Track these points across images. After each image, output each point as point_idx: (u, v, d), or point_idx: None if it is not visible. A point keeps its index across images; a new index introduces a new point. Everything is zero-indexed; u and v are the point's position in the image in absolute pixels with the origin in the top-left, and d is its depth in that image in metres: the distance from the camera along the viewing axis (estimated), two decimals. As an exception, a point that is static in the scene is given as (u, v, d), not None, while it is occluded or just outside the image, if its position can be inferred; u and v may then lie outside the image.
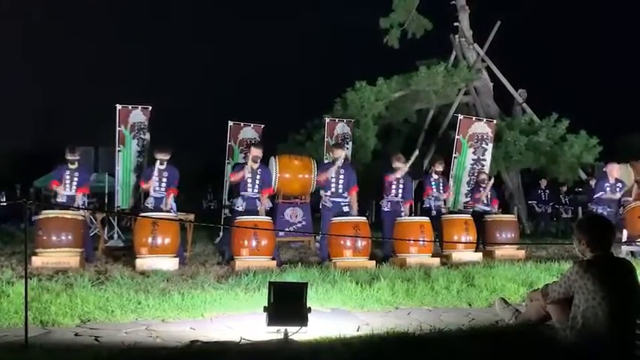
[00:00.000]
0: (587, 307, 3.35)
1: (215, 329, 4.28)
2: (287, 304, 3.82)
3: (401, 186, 8.69)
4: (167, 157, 8.06)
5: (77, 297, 4.80)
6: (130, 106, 10.25)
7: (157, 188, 8.02)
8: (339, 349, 3.51)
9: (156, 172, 8.02)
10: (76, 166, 8.16)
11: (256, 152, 8.01)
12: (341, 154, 8.26)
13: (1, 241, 10.56)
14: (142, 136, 10.23)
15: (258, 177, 7.97)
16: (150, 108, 10.34)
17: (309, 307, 3.88)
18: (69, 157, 8.10)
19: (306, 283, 4.08)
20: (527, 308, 4.24)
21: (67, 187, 8.08)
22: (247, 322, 4.41)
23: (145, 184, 8.11)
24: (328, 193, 8.12)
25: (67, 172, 8.10)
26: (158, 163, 8.05)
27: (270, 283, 3.97)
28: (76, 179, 8.11)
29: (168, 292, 5.18)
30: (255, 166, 7.98)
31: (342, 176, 8.15)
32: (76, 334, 4.09)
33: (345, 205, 8.13)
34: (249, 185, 7.93)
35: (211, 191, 18.97)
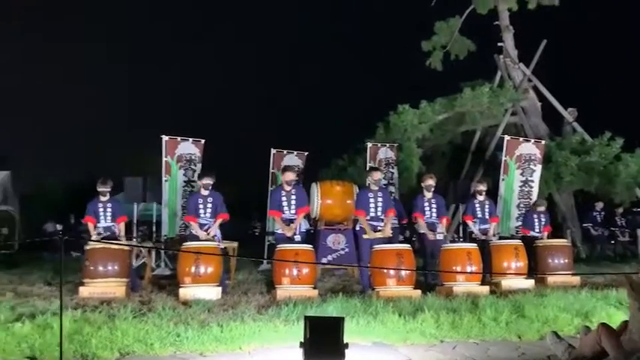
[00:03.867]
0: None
1: (253, 363, 4.21)
2: (323, 339, 3.73)
3: (434, 206, 8.58)
4: (211, 181, 8.12)
5: (117, 330, 4.85)
6: (178, 138, 10.46)
7: (203, 215, 8.07)
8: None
9: (200, 200, 8.09)
10: (107, 197, 8.21)
11: (290, 176, 8.05)
12: (379, 176, 8.32)
13: (52, 271, 10.87)
14: (193, 167, 10.42)
15: (293, 198, 7.98)
16: (203, 141, 10.55)
17: (347, 343, 3.77)
18: (100, 188, 8.15)
19: (343, 318, 3.96)
20: (581, 342, 3.99)
21: (102, 219, 8.19)
22: (285, 355, 4.35)
23: (193, 218, 8.03)
24: (368, 218, 8.03)
25: (100, 205, 8.18)
26: (202, 189, 8.13)
27: (305, 317, 3.89)
28: (109, 210, 8.18)
29: (207, 324, 5.16)
30: (289, 188, 8.01)
31: (380, 199, 8.08)
32: (114, 368, 4.11)
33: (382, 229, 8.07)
34: (285, 207, 7.97)
35: (256, 218, 19.14)
